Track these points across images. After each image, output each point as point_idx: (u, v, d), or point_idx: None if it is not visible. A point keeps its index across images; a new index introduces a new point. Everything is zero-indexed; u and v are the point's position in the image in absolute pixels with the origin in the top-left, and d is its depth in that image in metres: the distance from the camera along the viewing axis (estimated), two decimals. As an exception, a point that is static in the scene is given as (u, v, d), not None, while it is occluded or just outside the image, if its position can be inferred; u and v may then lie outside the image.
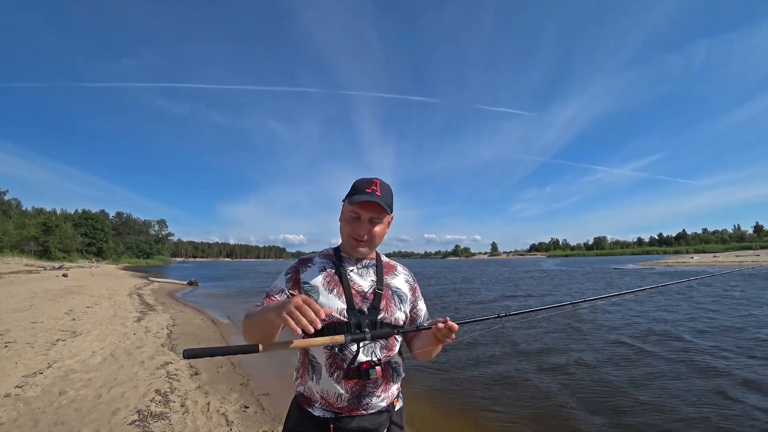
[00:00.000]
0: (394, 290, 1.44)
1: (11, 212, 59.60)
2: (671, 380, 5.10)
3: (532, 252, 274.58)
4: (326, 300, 1.32)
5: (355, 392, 1.30)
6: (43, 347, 5.82)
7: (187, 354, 1.01)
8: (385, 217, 1.38)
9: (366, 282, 1.40)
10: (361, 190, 1.34)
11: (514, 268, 46.45)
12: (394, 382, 1.42)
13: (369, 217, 1.35)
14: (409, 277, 1.55)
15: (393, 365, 1.41)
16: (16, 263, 33.92)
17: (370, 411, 1.33)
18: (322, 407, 1.31)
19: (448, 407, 4.59)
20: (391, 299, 1.41)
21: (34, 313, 8.83)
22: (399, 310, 1.40)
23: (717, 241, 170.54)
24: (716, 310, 10.38)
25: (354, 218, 1.36)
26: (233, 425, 3.61)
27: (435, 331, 1.24)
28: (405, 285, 1.49)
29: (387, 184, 1.40)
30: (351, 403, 1.30)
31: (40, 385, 4.28)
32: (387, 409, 1.38)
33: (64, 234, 53.10)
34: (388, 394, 1.38)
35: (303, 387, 1.37)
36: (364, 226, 1.35)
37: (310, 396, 1.33)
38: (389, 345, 1.38)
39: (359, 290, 1.37)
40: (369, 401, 1.32)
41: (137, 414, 3.64)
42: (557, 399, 4.65)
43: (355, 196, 1.33)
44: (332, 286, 1.35)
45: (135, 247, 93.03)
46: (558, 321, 9.47)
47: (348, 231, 1.37)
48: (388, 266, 1.51)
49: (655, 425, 3.96)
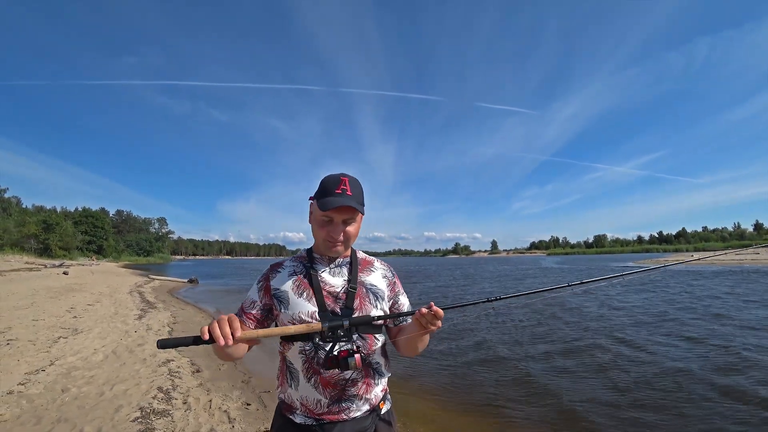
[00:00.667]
0: (368, 288, 1.37)
1: (11, 210, 59.49)
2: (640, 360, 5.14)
3: (532, 250, 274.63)
4: (296, 304, 1.28)
5: (334, 397, 1.26)
6: (45, 345, 5.84)
7: (161, 344, 1.04)
8: (358, 216, 1.33)
9: (339, 281, 1.34)
10: (331, 191, 1.26)
11: (514, 266, 46.48)
12: (377, 384, 1.36)
13: (342, 218, 1.29)
14: (387, 272, 1.48)
15: (374, 365, 1.36)
16: (17, 261, 33.93)
17: (352, 415, 1.28)
18: (303, 414, 1.28)
19: (446, 401, 4.63)
20: (366, 297, 1.35)
21: (35, 311, 8.85)
22: (375, 308, 1.35)
23: (717, 239, 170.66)
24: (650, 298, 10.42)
25: (326, 221, 1.30)
26: (235, 422, 3.63)
27: (418, 316, 1.18)
28: (382, 281, 1.42)
29: (356, 179, 1.33)
30: (331, 409, 1.26)
31: (42, 382, 4.30)
32: (371, 412, 1.33)
33: (64, 232, 53.06)
34: (371, 397, 1.33)
35: (284, 394, 1.34)
36: (338, 228, 1.29)
37: (291, 403, 1.31)
38: (368, 344, 1.32)
39: (331, 291, 1.32)
40: (350, 405, 1.28)
41: (140, 411, 3.65)
42: (557, 392, 4.68)
43: (325, 199, 1.26)
44: (302, 290, 1.31)
45: (135, 245, 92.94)
46: (550, 309, 9.52)
47: (322, 235, 1.31)
48: (363, 263, 1.45)
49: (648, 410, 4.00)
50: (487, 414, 4.31)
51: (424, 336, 1.32)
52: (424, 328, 1.20)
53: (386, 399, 1.42)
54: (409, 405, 4.46)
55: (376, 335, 1.34)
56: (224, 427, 3.51)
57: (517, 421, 4.11)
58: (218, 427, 3.51)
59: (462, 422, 4.15)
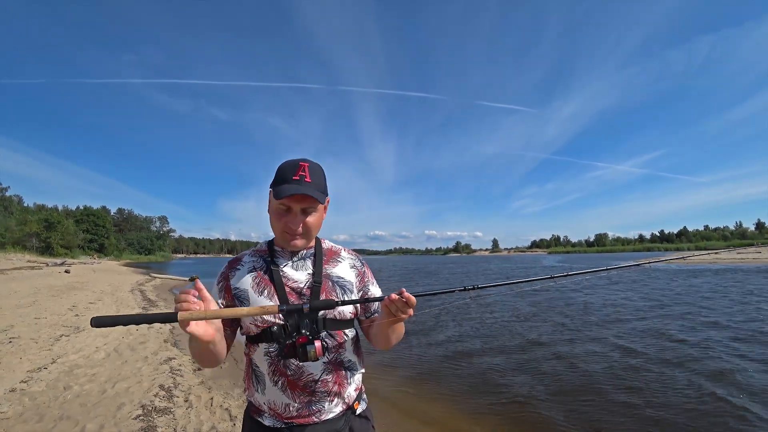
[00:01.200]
0: (335, 280, 1.27)
1: (13, 208, 59.56)
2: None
3: (533, 249, 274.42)
4: (257, 304, 1.18)
5: (303, 400, 1.18)
6: (47, 343, 5.86)
7: (95, 322, 0.94)
8: (319, 204, 1.20)
9: (302, 275, 1.24)
10: (288, 177, 1.15)
11: (515, 264, 46.54)
12: (350, 383, 1.27)
13: (300, 207, 1.18)
14: (356, 262, 1.37)
15: (346, 363, 1.26)
16: (19, 259, 34.02)
17: (323, 418, 1.20)
18: (272, 417, 1.20)
19: (426, 393, 4.70)
20: (333, 291, 1.25)
21: (37, 309, 8.88)
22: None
23: (718, 238, 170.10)
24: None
25: (284, 211, 1.18)
26: (236, 420, 3.64)
27: (388, 302, 1.08)
28: (350, 272, 1.32)
29: (317, 164, 1.22)
30: (301, 412, 1.18)
31: (44, 380, 4.32)
32: (344, 413, 1.24)
33: (65, 230, 53.19)
34: (343, 398, 1.24)
35: (252, 397, 1.26)
36: (297, 218, 1.18)
37: (259, 406, 1.23)
38: (337, 342, 1.23)
39: (294, 287, 1.21)
40: (321, 407, 1.20)
41: (141, 409, 3.67)
42: (530, 388, 4.70)
43: (281, 186, 1.15)
44: (262, 287, 1.21)
45: (136, 243, 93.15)
46: (550, 303, 9.54)
47: (280, 226, 1.20)
48: (329, 253, 1.33)
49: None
50: (473, 407, 4.33)
51: (397, 327, 1.24)
52: (393, 316, 1.10)
53: (361, 399, 1.34)
54: (399, 400, 4.50)
55: (345, 330, 1.25)
56: (225, 425, 3.52)
57: (504, 413, 4.14)
58: (219, 424, 3.52)
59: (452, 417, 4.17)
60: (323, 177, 1.24)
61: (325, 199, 1.22)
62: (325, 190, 1.23)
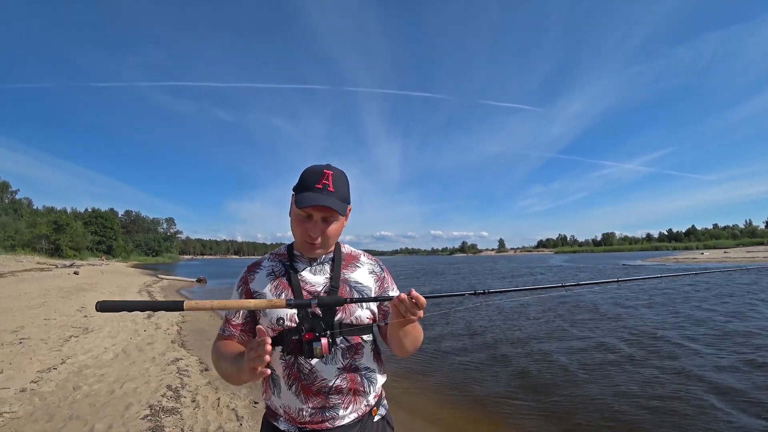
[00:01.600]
0: (352, 285, 1.25)
1: (23, 211, 60.45)
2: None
3: (540, 248, 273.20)
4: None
5: (317, 405, 1.16)
6: (56, 343, 5.93)
7: (100, 306, 0.93)
8: (341, 214, 1.20)
9: (320, 279, 1.23)
10: (311, 185, 1.14)
11: (521, 264, 46.32)
12: (367, 391, 1.23)
13: (322, 216, 1.17)
14: (375, 267, 1.35)
15: (362, 370, 1.23)
16: (29, 261, 34.43)
17: (337, 424, 1.17)
18: (287, 421, 1.19)
19: (452, 399, 4.63)
20: (349, 295, 1.22)
21: (47, 310, 8.98)
22: (360, 307, 1.22)
23: (727, 237, 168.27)
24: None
25: (304, 218, 1.17)
26: (243, 420, 3.66)
27: (396, 303, 1.04)
28: (369, 277, 1.30)
29: (341, 172, 1.21)
30: (314, 417, 1.16)
31: (54, 380, 4.37)
32: (359, 420, 1.21)
33: (74, 232, 53.77)
34: (360, 406, 1.21)
35: (269, 401, 1.25)
36: (317, 227, 1.17)
37: (275, 410, 1.22)
38: (353, 346, 1.21)
39: (312, 291, 1.21)
40: (335, 414, 1.17)
41: (149, 409, 3.70)
42: (562, 391, 4.67)
43: (303, 194, 1.14)
44: (280, 290, 1.21)
45: (144, 244, 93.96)
46: (552, 307, 9.49)
47: (300, 233, 1.19)
48: (348, 258, 1.33)
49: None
50: (492, 413, 4.31)
51: (412, 331, 1.21)
52: (402, 317, 1.06)
53: (381, 405, 1.29)
54: (414, 404, 4.48)
55: (362, 335, 1.22)
56: (232, 425, 3.54)
57: (520, 420, 4.11)
58: (226, 425, 3.54)
59: (467, 421, 4.15)
60: (347, 185, 1.23)
61: (346, 210, 1.21)
62: (347, 199, 1.22)
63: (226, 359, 1.15)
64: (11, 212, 56.98)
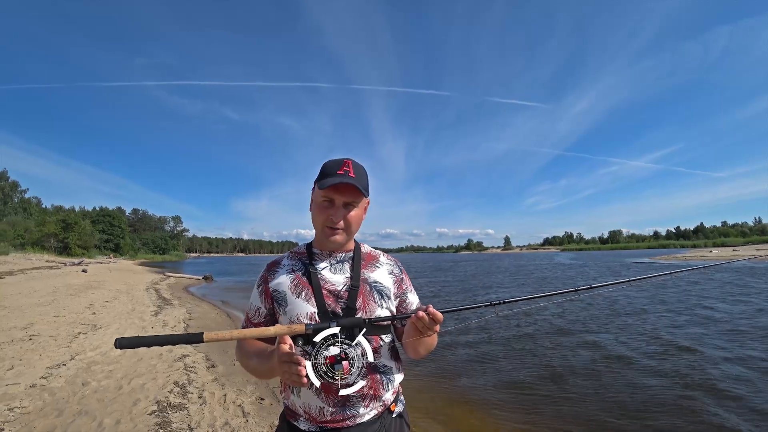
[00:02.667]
0: (373, 285, 1.26)
1: (32, 210, 61.00)
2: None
3: (546, 246, 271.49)
4: (294, 305, 1.19)
5: (338, 404, 1.16)
6: (65, 340, 6.00)
7: (119, 344, 0.94)
8: (362, 200, 1.24)
9: (340, 278, 1.24)
10: (332, 172, 1.18)
11: (528, 262, 46.15)
12: (386, 388, 1.24)
13: (343, 201, 1.19)
14: (395, 268, 1.36)
15: (381, 368, 1.24)
16: (38, 259, 34.77)
17: (358, 421, 1.18)
18: (307, 421, 1.19)
19: (451, 397, 4.64)
20: (370, 295, 1.23)
21: (56, 307, 9.08)
22: (380, 307, 1.23)
23: (737, 235, 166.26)
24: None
25: (327, 204, 1.20)
26: (249, 416, 3.68)
27: (415, 320, 1.06)
28: (388, 278, 1.31)
29: (360, 164, 1.24)
30: (335, 416, 1.16)
31: (63, 376, 4.42)
32: (379, 416, 1.22)
33: (82, 231, 54.17)
34: (379, 403, 1.22)
35: (287, 401, 1.25)
36: (339, 211, 1.20)
37: (295, 410, 1.22)
38: (373, 345, 1.19)
39: (332, 289, 1.21)
40: (356, 412, 1.17)
41: (157, 405, 3.73)
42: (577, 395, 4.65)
43: (326, 179, 1.17)
44: (300, 289, 1.22)
45: (151, 242, 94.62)
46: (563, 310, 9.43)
47: (322, 220, 1.21)
48: (367, 257, 1.33)
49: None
50: (502, 413, 4.30)
51: (429, 339, 1.22)
52: (420, 333, 1.09)
53: (398, 401, 1.30)
54: (424, 402, 4.48)
55: (382, 336, 1.24)
56: (239, 421, 3.56)
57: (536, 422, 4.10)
58: (233, 421, 3.56)
59: (477, 421, 4.14)
60: (366, 176, 1.25)
61: (367, 194, 1.24)
62: (367, 189, 1.23)
63: (252, 357, 1.20)
64: (21, 211, 57.52)
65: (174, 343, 0.98)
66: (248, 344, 1.25)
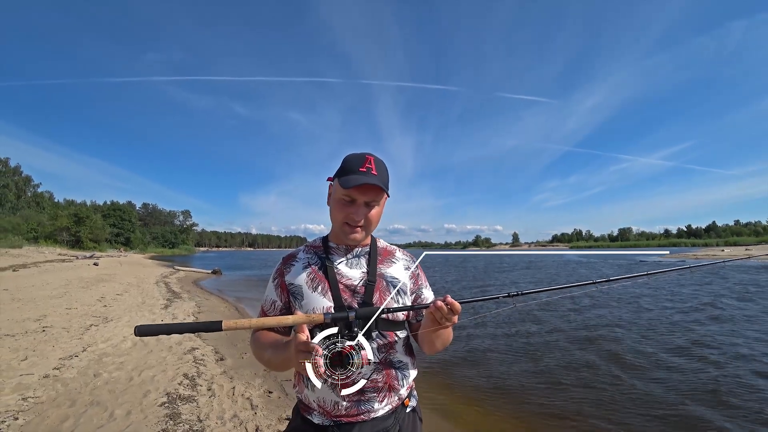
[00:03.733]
0: (389, 280, 1.26)
1: (45, 204, 61.94)
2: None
3: (554, 243, 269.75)
4: (310, 299, 1.19)
5: (352, 398, 1.15)
6: (77, 332, 6.09)
7: (138, 331, 0.96)
8: (383, 198, 1.23)
9: (357, 273, 1.24)
10: (354, 169, 1.15)
11: (538, 258, 45.91)
12: (401, 384, 1.24)
13: (365, 200, 1.17)
14: (410, 263, 1.35)
15: (396, 363, 1.24)
16: (51, 252, 35.38)
17: (372, 416, 1.17)
18: (321, 415, 1.18)
19: (474, 398, 4.62)
20: (386, 291, 1.23)
21: (68, 300, 9.23)
22: (396, 302, 1.23)
23: (750, 234, 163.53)
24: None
25: (347, 202, 1.18)
26: (258, 409, 3.71)
27: (433, 310, 1.06)
28: (404, 273, 1.31)
29: (381, 159, 1.21)
30: (349, 411, 1.15)
31: (76, 367, 4.49)
32: (394, 411, 1.22)
33: (94, 224, 54.96)
34: (394, 399, 1.22)
35: (301, 395, 1.25)
36: (360, 210, 1.18)
37: (308, 404, 1.21)
38: (388, 342, 1.21)
39: (348, 284, 1.21)
40: (370, 407, 1.17)
41: (166, 396, 3.78)
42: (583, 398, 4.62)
43: (348, 176, 1.14)
44: (316, 283, 1.21)
45: (161, 236, 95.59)
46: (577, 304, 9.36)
47: (341, 217, 1.20)
48: (384, 253, 1.33)
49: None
50: (515, 411, 4.28)
51: (444, 332, 1.20)
52: (437, 323, 1.08)
53: (412, 396, 1.30)
54: (435, 399, 4.48)
55: (397, 332, 1.23)
56: (247, 414, 3.59)
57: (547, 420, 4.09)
58: (241, 413, 3.59)
59: (491, 420, 4.11)
60: (387, 172, 1.23)
61: (389, 192, 1.23)
62: (387, 185, 1.21)
63: (266, 348, 1.19)
64: (34, 205, 58.45)
65: (193, 331, 0.99)
66: (263, 336, 1.24)
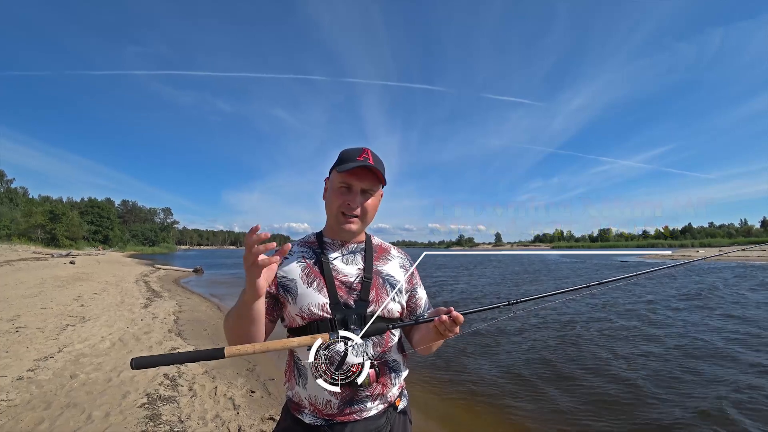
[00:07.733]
0: (385, 278, 1.25)
1: (18, 200, 59.91)
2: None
3: (536, 243, 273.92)
4: (305, 295, 1.16)
5: (345, 398, 1.14)
6: (53, 332, 5.93)
7: (135, 363, 0.90)
8: (378, 189, 1.23)
9: (352, 270, 1.22)
10: (352, 158, 1.17)
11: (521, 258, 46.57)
12: (393, 383, 1.23)
13: (362, 187, 1.18)
14: (405, 262, 1.36)
15: (390, 364, 1.23)
16: (25, 250, 34.25)
17: (365, 415, 1.16)
18: (312, 414, 1.16)
19: (464, 399, 4.66)
20: (383, 288, 1.22)
21: (43, 299, 8.97)
22: (392, 300, 1.22)
23: (723, 236, 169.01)
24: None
25: (344, 189, 1.18)
26: (240, 409, 3.69)
27: (437, 323, 1.06)
28: (400, 271, 1.31)
29: (377, 154, 1.22)
30: (342, 409, 1.14)
31: (51, 368, 4.38)
32: (385, 411, 1.21)
33: (70, 222, 53.41)
34: (386, 397, 1.21)
35: (291, 392, 1.22)
36: (357, 197, 1.18)
37: (299, 402, 1.19)
38: (384, 341, 1.20)
39: (344, 280, 1.20)
40: (363, 406, 1.16)
41: (146, 397, 3.72)
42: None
43: (346, 164, 1.16)
44: (312, 278, 1.18)
45: (141, 234, 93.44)
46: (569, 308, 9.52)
47: (337, 205, 1.19)
48: (379, 250, 1.33)
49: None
50: (506, 413, 4.26)
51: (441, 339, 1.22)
52: (441, 335, 1.09)
53: (403, 396, 1.30)
54: (425, 400, 4.48)
55: (392, 332, 1.22)
56: (229, 414, 3.56)
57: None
58: (223, 413, 3.56)
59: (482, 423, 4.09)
60: (383, 165, 1.23)
61: (385, 182, 1.24)
62: (384, 177, 1.22)
63: (231, 315, 1.12)
64: (7, 201, 56.41)
65: (194, 360, 0.95)
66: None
